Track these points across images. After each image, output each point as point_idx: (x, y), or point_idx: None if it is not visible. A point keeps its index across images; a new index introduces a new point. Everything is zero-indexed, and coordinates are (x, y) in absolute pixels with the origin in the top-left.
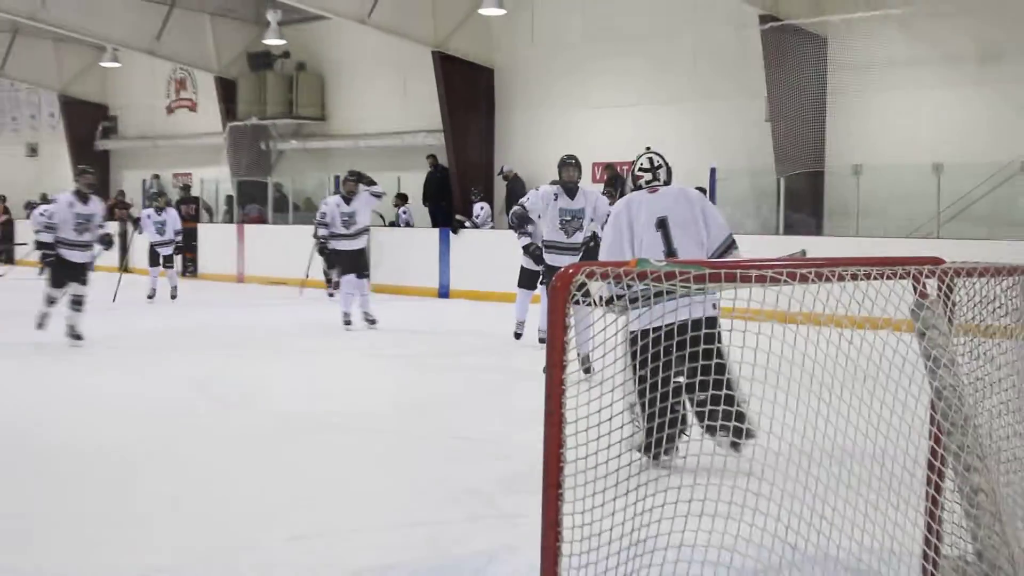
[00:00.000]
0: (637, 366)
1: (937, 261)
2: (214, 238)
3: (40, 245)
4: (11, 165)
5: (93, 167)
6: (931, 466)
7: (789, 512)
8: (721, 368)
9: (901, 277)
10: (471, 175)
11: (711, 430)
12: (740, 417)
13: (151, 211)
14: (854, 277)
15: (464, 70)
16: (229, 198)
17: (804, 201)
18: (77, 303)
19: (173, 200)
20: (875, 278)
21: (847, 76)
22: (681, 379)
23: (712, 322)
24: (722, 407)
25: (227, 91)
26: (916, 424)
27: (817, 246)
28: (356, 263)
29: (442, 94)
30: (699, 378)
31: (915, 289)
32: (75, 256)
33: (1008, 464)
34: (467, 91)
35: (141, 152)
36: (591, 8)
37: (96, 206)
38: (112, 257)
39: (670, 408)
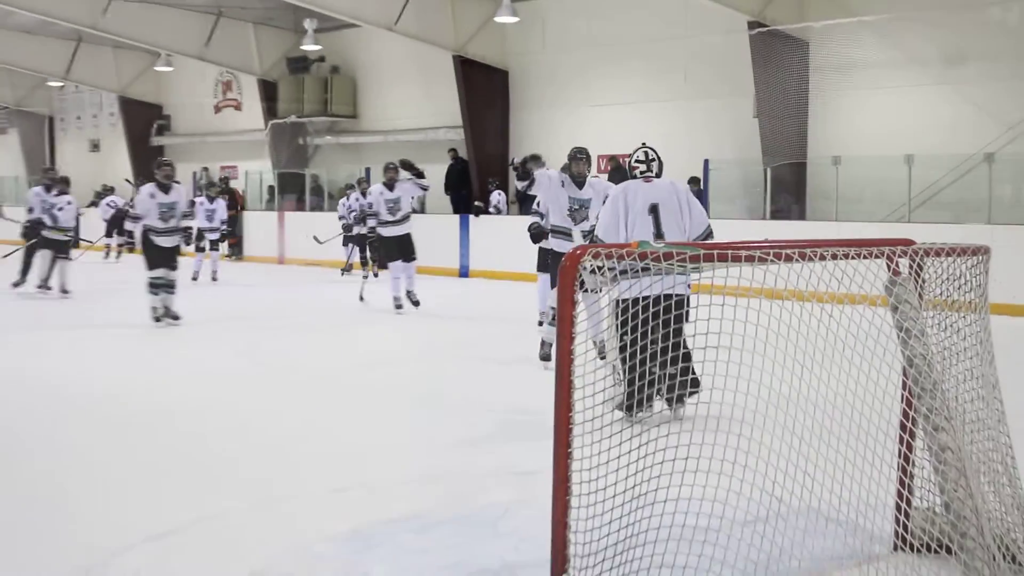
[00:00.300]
0: (621, 332)
1: (908, 242)
2: (257, 224)
3: (115, 231)
4: (76, 159)
5: (148, 161)
6: (903, 427)
7: (775, 468)
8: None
9: (876, 257)
10: (488, 166)
11: (670, 388)
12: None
13: (204, 199)
14: (834, 257)
15: (481, 72)
16: (271, 188)
17: (788, 189)
18: (169, 286)
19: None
20: (853, 258)
21: (827, 76)
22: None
23: (683, 298)
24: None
25: (268, 92)
26: (890, 389)
27: (800, 230)
28: (403, 248)
29: (462, 94)
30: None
31: (888, 267)
32: (163, 241)
33: (972, 425)
34: (484, 91)
35: (192, 147)
36: (595, 16)
37: (177, 194)
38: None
39: (648, 370)
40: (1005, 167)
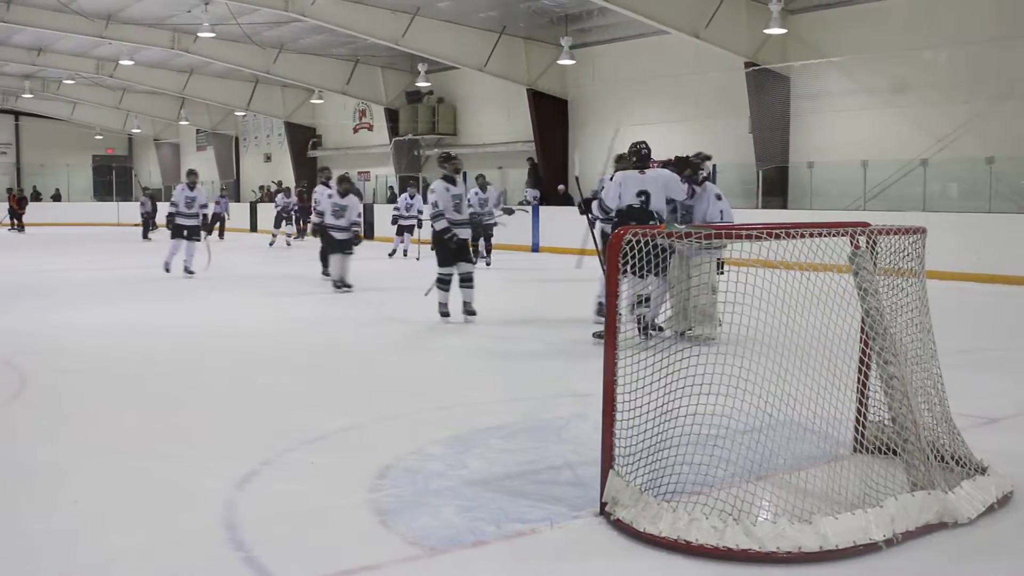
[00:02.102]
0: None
1: (865, 225)
2: (382, 216)
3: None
4: (254, 168)
5: (306, 171)
6: (861, 360)
7: (766, 391)
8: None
9: (841, 235)
10: (555, 172)
11: None
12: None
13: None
14: (811, 235)
15: (548, 101)
16: (391, 188)
17: (775, 186)
18: (467, 280)
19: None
20: (824, 236)
21: (804, 102)
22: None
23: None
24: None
25: (392, 117)
26: (852, 333)
27: (784, 216)
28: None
29: (533, 117)
30: None
31: (851, 243)
32: (462, 232)
33: (912, 360)
34: (550, 115)
35: (337, 158)
36: (631, 59)
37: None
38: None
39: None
40: (936, 170)
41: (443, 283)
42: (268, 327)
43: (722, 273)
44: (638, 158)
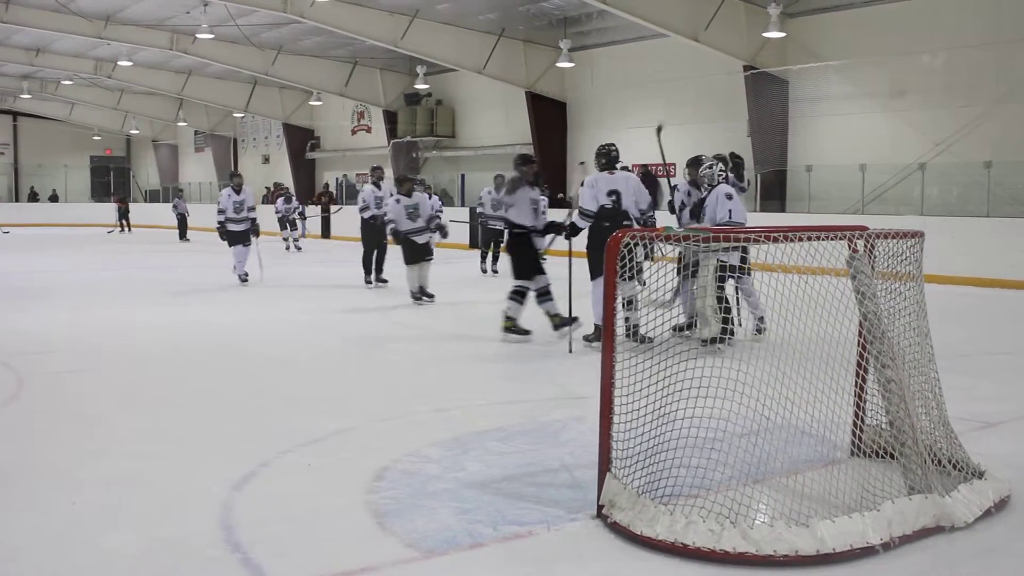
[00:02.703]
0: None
1: (863, 228)
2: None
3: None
4: (252, 169)
5: (304, 172)
6: (859, 364)
7: (764, 394)
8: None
9: (839, 239)
10: (552, 175)
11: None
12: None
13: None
14: (808, 239)
15: (546, 103)
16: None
17: (773, 189)
18: (546, 293)
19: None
20: (822, 239)
21: (802, 106)
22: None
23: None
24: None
25: (390, 119)
26: (849, 336)
27: (782, 219)
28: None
29: (531, 120)
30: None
31: (848, 247)
32: (416, 239)
33: (910, 363)
34: (548, 118)
35: (335, 160)
36: (630, 62)
37: (420, 198)
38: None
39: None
40: (934, 173)
41: (519, 295)
42: (268, 329)
43: (749, 274)
44: (607, 159)
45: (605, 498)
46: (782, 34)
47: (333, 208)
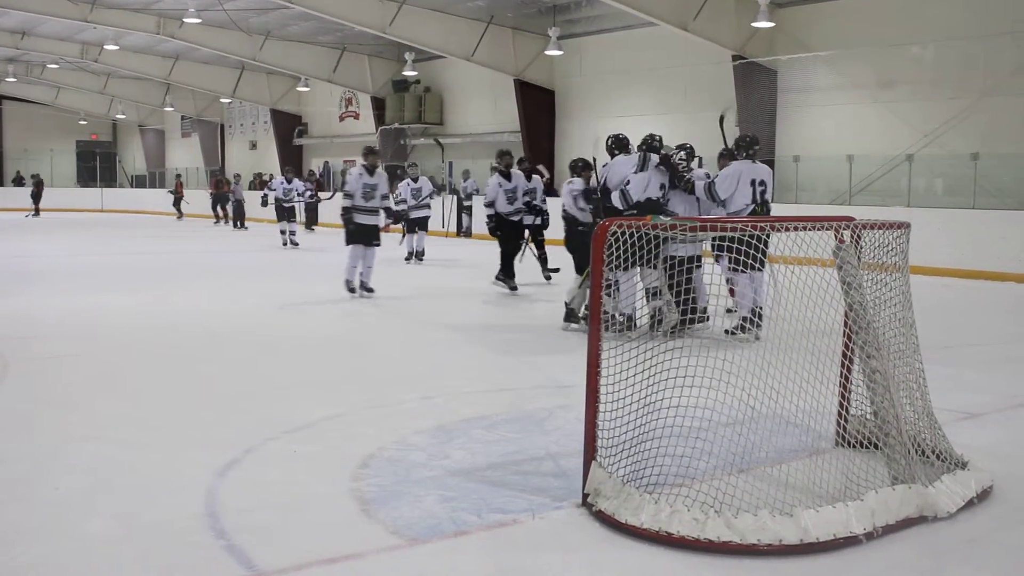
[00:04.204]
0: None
1: (850, 219)
2: None
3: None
4: (239, 155)
5: (291, 159)
6: (844, 354)
7: (750, 384)
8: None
9: (826, 229)
10: (541, 161)
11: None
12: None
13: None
14: (796, 229)
15: (535, 91)
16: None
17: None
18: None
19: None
20: (809, 230)
21: (790, 96)
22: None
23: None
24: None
25: (378, 105)
26: (835, 327)
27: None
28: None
29: (520, 107)
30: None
31: (835, 237)
32: (364, 219)
33: (895, 354)
34: (537, 105)
35: (322, 146)
36: (620, 50)
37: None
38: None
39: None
40: (921, 165)
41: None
42: (253, 316)
43: (699, 267)
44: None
45: (590, 486)
46: (771, 24)
47: (324, 194)
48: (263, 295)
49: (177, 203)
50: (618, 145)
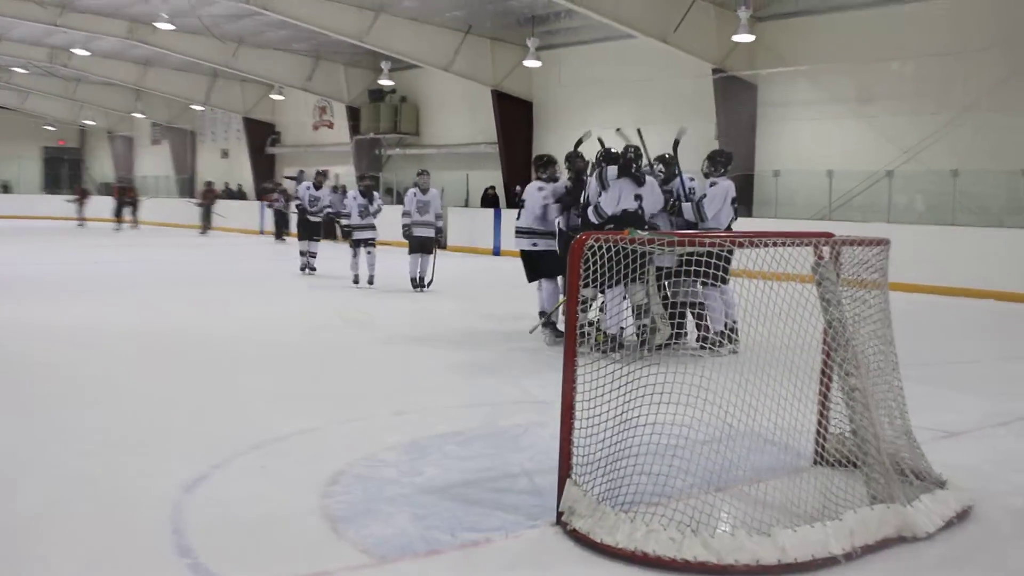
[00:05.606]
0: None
1: (829, 235)
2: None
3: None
4: (210, 164)
5: (263, 168)
6: (823, 372)
7: (727, 401)
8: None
9: (805, 245)
10: (515, 174)
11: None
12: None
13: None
14: (775, 244)
15: (512, 102)
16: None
17: (740, 194)
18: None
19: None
20: (788, 245)
21: (770, 110)
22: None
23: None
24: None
25: (353, 115)
26: (813, 344)
27: (748, 224)
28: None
29: (497, 119)
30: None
31: (815, 253)
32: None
33: (874, 372)
34: (514, 117)
35: (296, 156)
36: (598, 62)
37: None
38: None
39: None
40: (901, 181)
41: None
42: (223, 327)
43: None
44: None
45: (565, 505)
46: (751, 37)
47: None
48: (234, 306)
49: (207, 215)
50: (607, 158)
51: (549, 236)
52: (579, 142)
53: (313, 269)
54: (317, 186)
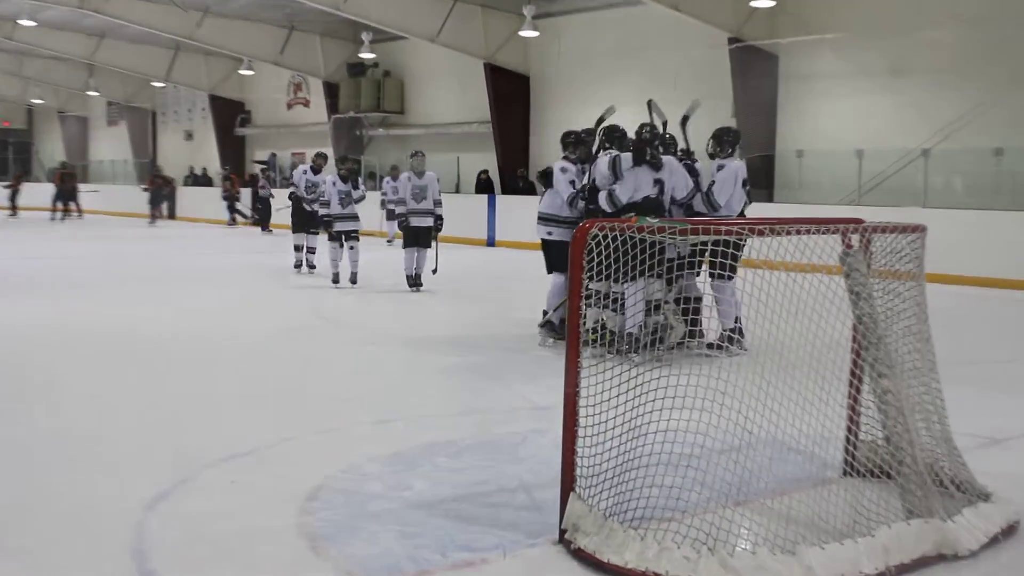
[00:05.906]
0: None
1: (859, 221)
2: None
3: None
4: (172, 147)
5: (232, 149)
6: (852, 373)
7: (747, 406)
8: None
9: (832, 233)
10: (511, 156)
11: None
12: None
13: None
14: (798, 232)
15: (507, 77)
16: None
17: (760, 176)
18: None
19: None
20: (813, 233)
21: (793, 84)
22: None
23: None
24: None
25: (331, 92)
26: (842, 341)
27: (769, 211)
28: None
29: (490, 95)
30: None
31: (842, 242)
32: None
33: (909, 372)
34: (509, 93)
35: (268, 137)
36: (602, 31)
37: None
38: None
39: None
40: (938, 161)
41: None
42: (196, 327)
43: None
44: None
45: (568, 521)
46: (772, 3)
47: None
48: (203, 302)
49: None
50: (610, 137)
51: (567, 225)
52: (600, 119)
53: (312, 267)
54: (316, 170)
